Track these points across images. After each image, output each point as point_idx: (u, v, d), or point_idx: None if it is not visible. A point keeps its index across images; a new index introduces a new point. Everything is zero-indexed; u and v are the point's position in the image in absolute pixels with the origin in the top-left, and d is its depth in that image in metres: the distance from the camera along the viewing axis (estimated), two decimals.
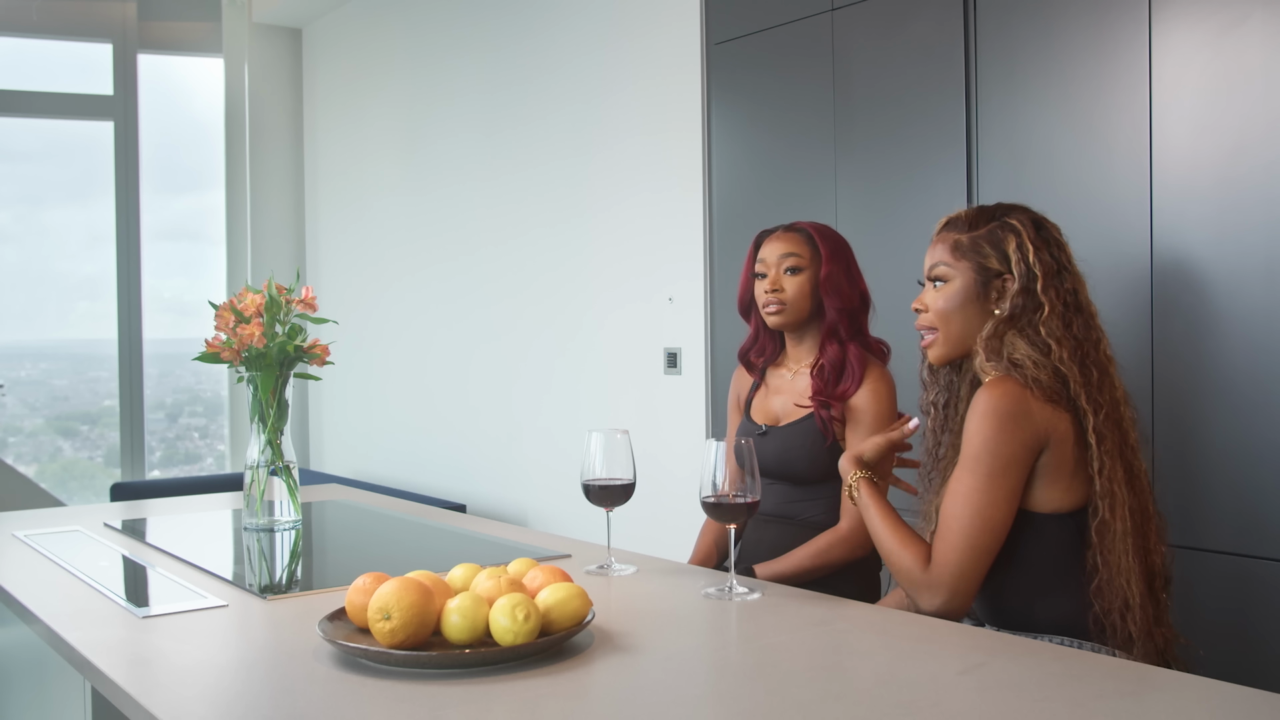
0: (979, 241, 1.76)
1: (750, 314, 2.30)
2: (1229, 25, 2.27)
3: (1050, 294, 1.71)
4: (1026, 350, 1.69)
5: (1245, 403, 2.27)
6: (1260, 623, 2.25)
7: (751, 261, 2.26)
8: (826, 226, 2.25)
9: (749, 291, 2.28)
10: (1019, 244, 1.73)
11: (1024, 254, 1.72)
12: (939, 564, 1.67)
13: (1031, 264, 1.72)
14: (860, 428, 2.12)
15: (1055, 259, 1.74)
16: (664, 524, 3.54)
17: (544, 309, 4.31)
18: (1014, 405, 1.65)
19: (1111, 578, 1.66)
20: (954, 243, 1.78)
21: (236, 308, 2.31)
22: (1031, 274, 1.71)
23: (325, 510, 2.75)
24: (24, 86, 5.51)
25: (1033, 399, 1.66)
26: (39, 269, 5.80)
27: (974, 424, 1.67)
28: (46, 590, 1.87)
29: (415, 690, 1.30)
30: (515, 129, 4.44)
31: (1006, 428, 1.64)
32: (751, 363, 2.33)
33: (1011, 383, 1.67)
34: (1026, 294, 1.71)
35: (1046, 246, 1.74)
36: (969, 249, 1.76)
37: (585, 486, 1.90)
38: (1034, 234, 1.74)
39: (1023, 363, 1.68)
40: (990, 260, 1.75)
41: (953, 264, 1.77)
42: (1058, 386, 1.67)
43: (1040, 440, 1.67)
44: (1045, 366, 1.68)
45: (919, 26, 2.86)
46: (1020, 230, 1.74)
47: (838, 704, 1.24)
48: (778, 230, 2.25)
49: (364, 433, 5.56)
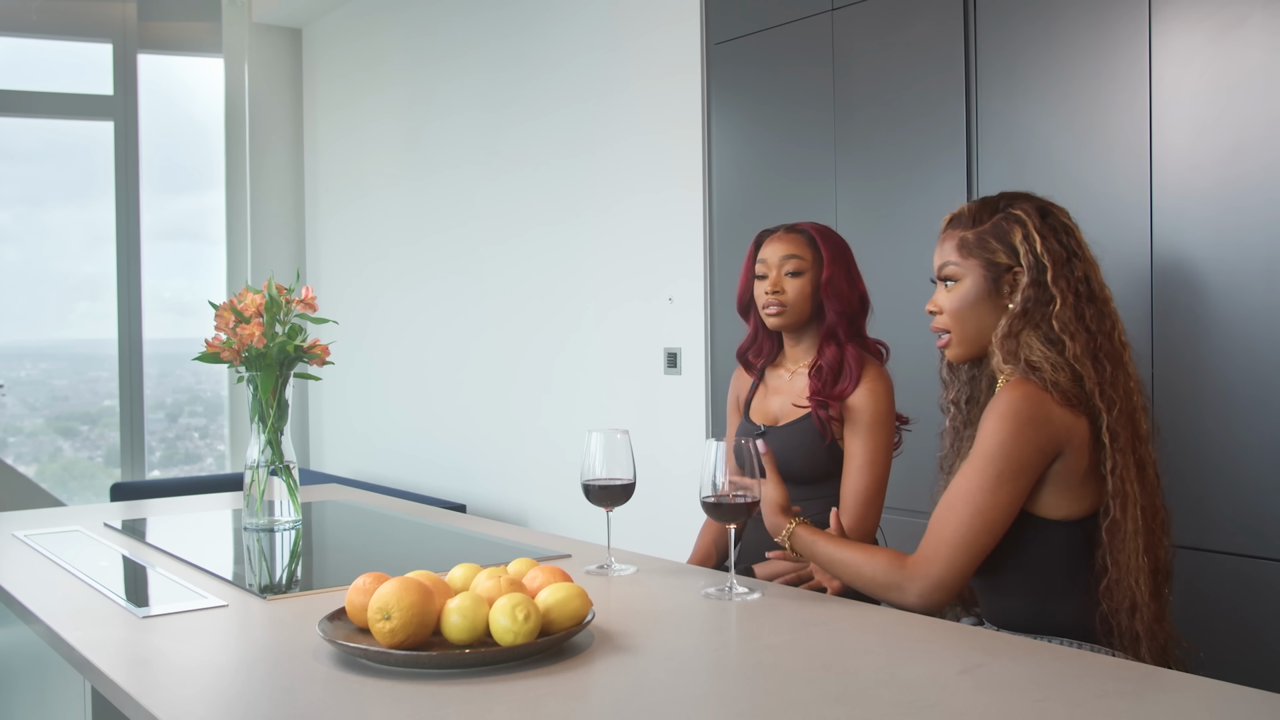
0: (985, 237, 1.73)
1: (749, 314, 2.30)
2: (1229, 25, 2.27)
3: (1061, 284, 1.68)
4: (1042, 350, 1.66)
5: (1245, 403, 2.27)
6: (1260, 623, 2.25)
7: (751, 261, 2.25)
8: (828, 228, 2.25)
9: (748, 292, 2.27)
10: (1025, 235, 1.70)
11: (1031, 245, 1.69)
12: (925, 556, 1.64)
13: (1040, 254, 1.68)
14: (858, 427, 2.12)
15: (1064, 246, 1.70)
16: (664, 524, 3.54)
17: (544, 309, 4.31)
18: (1034, 409, 1.62)
19: (1121, 577, 1.64)
20: (960, 240, 1.75)
21: (236, 308, 2.30)
22: (1041, 265, 1.68)
23: (325, 510, 2.75)
24: (24, 86, 5.51)
25: (1053, 404, 1.63)
26: (39, 269, 5.80)
27: (990, 423, 1.65)
28: (46, 590, 1.87)
29: (415, 690, 1.30)
30: (515, 129, 4.44)
31: (1024, 431, 1.62)
32: (750, 362, 2.33)
33: (1032, 385, 1.64)
34: (1038, 286, 1.68)
35: (1054, 234, 1.70)
36: (975, 246, 1.73)
37: (585, 486, 1.90)
38: (1040, 222, 1.70)
39: (1040, 365, 1.65)
40: (998, 255, 1.72)
41: (961, 262, 1.75)
42: (1075, 388, 1.65)
43: (1056, 446, 1.64)
44: (1062, 367, 1.65)
45: (919, 26, 2.86)
46: (1026, 220, 1.71)
47: (838, 704, 1.24)
48: (779, 231, 2.24)
49: (364, 433, 5.56)
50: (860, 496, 2.10)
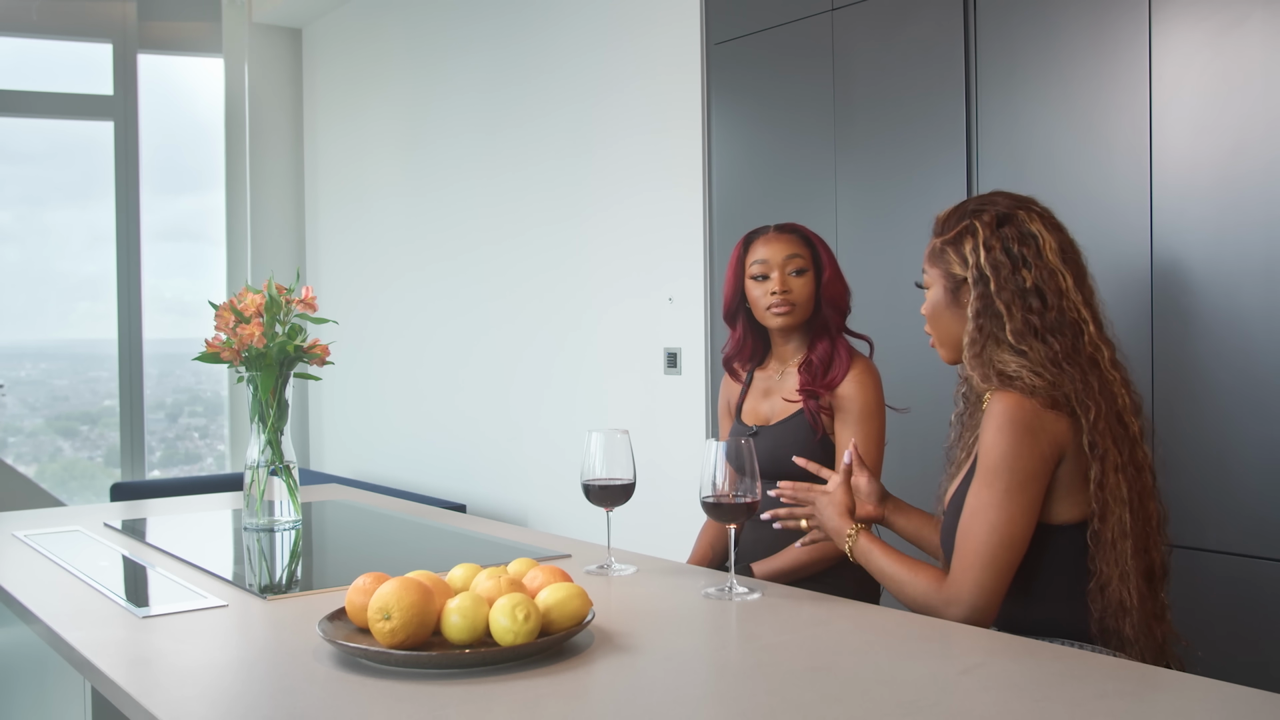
0: (945, 247, 1.73)
1: (737, 318, 2.26)
2: (1229, 25, 2.27)
3: (1005, 296, 1.65)
4: (1013, 360, 1.65)
5: (1245, 403, 2.27)
6: (1260, 623, 2.25)
7: (739, 264, 2.22)
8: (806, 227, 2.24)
9: (738, 295, 2.23)
10: (974, 246, 1.68)
11: (977, 256, 1.68)
12: (955, 581, 1.63)
13: (983, 266, 1.67)
14: (848, 417, 2.12)
15: (1013, 256, 1.66)
16: (664, 524, 3.54)
17: (544, 308, 4.31)
18: (1028, 416, 1.61)
19: (1108, 582, 1.64)
20: (930, 249, 1.76)
21: (236, 308, 2.30)
22: (984, 277, 1.67)
23: (325, 510, 2.75)
24: (24, 86, 5.51)
25: (1041, 408, 1.62)
26: (39, 269, 5.80)
27: (990, 436, 1.63)
28: (46, 590, 1.87)
29: (415, 690, 1.30)
30: (515, 129, 4.44)
31: (1025, 440, 1.61)
32: (735, 370, 2.32)
33: (1017, 393, 1.63)
34: (984, 299, 1.67)
35: (1003, 244, 1.67)
36: (938, 256, 1.74)
37: (585, 486, 1.90)
38: (990, 233, 1.68)
39: (1016, 374, 1.64)
40: (954, 266, 1.71)
41: (929, 270, 1.76)
42: (1055, 392, 1.64)
43: (1058, 450, 1.63)
44: (1038, 370, 1.64)
45: (919, 26, 2.86)
46: (979, 230, 1.68)
47: (838, 704, 1.24)
48: (769, 232, 2.21)
49: (364, 433, 5.56)
50: None
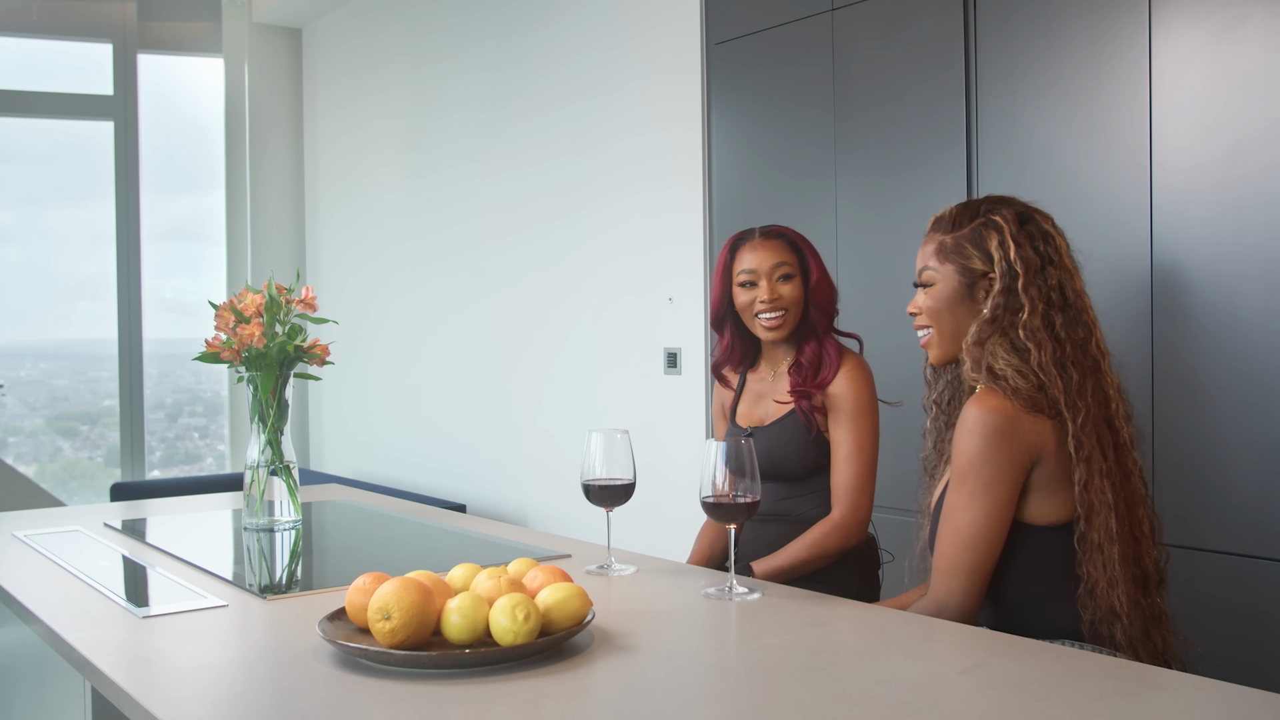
0: (962, 242, 1.74)
1: (725, 324, 2.25)
2: (1229, 25, 2.27)
3: (1032, 292, 1.68)
4: (1006, 357, 1.67)
5: (1244, 403, 2.27)
6: (1260, 623, 2.25)
7: (726, 269, 2.21)
8: (791, 228, 2.24)
9: (726, 301, 2.22)
10: (1001, 241, 1.71)
11: (1005, 251, 1.70)
12: (934, 586, 1.69)
13: (1013, 261, 1.69)
14: (841, 416, 2.12)
15: (1040, 254, 1.71)
16: (664, 524, 3.54)
17: (544, 308, 4.31)
18: (1000, 421, 1.64)
19: (1095, 586, 1.65)
20: (939, 245, 1.77)
21: (236, 308, 2.30)
22: (1013, 271, 1.69)
23: (325, 510, 2.75)
24: (24, 86, 5.51)
25: (1019, 412, 1.64)
26: (40, 269, 5.80)
27: (960, 441, 1.67)
28: (46, 590, 1.87)
29: (415, 690, 1.30)
30: (515, 128, 4.44)
31: (994, 444, 1.63)
32: (725, 376, 2.32)
33: (996, 397, 1.66)
34: (1009, 293, 1.69)
35: (1030, 241, 1.71)
36: (952, 251, 1.75)
37: (585, 486, 1.90)
38: (1017, 229, 1.71)
39: (1004, 373, 1.67)
40: (974, 261, 1.73)
41: (938, 267, 1.77)
42: (1039, 395, 1.66)
43: (1031, 455, 1.65)
44: (1026, 374, 1.67)
45: (919, 26, 2.86)
46: (1003, 226, 1.72)
47: (838, 704, 1.24)
48: (755, 238, 2.20)
49: (364, 433, 5.56)
50: (851, 485, 2.10)
